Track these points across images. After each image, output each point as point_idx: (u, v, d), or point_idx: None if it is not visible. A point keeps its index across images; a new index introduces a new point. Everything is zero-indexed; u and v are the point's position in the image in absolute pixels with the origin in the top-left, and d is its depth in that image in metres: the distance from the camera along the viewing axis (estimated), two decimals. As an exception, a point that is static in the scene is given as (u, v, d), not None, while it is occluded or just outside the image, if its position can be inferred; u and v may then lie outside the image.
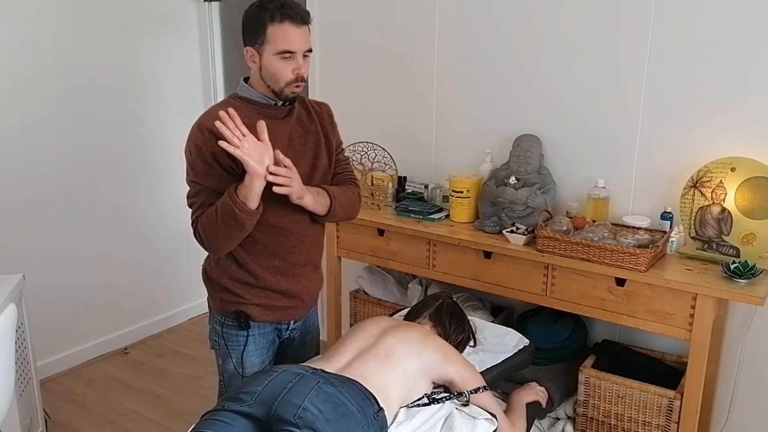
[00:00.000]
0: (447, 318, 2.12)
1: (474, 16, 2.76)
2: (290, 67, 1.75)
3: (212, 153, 1.72)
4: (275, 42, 1.72)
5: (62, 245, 3.26)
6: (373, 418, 1.63)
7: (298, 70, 1.75)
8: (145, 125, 3.55)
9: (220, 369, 2.01)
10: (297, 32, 1.72)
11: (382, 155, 2.92)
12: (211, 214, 1.72)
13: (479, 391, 1.89)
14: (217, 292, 1.92)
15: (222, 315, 1.93)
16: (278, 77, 1.76)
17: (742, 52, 2.24)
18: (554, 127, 2.63)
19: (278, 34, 1.72)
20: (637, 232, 2.33)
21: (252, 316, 1.90)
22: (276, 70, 1.75)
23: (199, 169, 1.75)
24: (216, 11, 3.73)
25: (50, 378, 3.24)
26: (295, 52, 1.73)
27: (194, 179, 1.77)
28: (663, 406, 2.24)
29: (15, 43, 2.96)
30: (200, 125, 1.76)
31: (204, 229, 1.75)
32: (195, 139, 1.75)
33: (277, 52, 1.73)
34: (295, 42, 1.72)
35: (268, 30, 1.72)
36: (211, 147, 1.72)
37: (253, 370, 1.95)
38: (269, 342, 1.97)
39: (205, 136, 1.73)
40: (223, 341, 1.95)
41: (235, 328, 1.92)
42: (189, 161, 1.78)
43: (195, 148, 1.75)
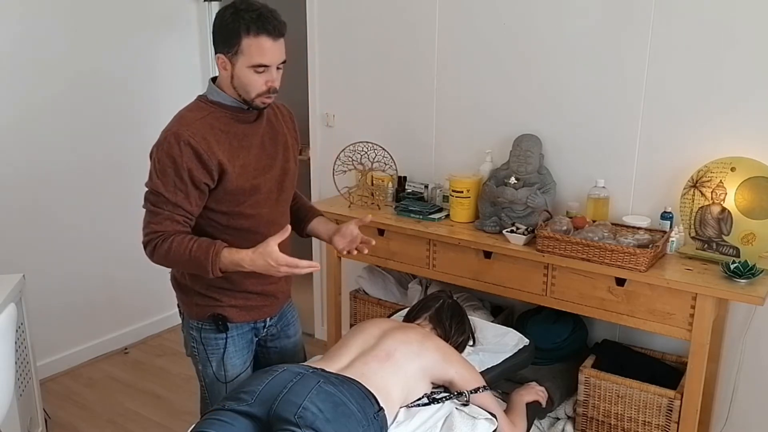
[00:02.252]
0: (447, 320, 2.12)
1: (474, 16, 2.76)
2: (263, 79, 1.69)
3: (188, 169, 1.67)
4: (250, 55, 1.66)
5: (62, 245, 3.26)
6: (373, 418, 1.64)
7: (272, 83, 1.70)
8: (145, 124, 3.54)
9: (201, 375, 1.97)
10: (273, 46, 1.66)
11: (382, 155, 2.92)
12: (183, 252, 1.67)
13: (479, 391, 1.89)
14: (192, 298, 1.89)
15: (198, 320, 1.90)
16: (250, 89, 1.70)
17: (742, 51, 2.24)
18: (554, 127, 2.63)
19: (254, 48, 1.65)
20: (637, 232, 2.33)
21: (229, 318, 1.87)
22: (249, 82, 1.69)
23: (168, 182, 1.68)
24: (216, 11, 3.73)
25: (50, 378, 3.24)
26: (269, 66, 1.68)
27: (158, 190, 1.69)
28: (663, 406, 2.24)
29: (15, 42, 2.96)
30: (176, 135, 1.68)
31: (166, 256, 1.69)
32: (170, 150, 1.67)
33: (251, 65, 1.67)
34: (271, 56, 1.67)
35: (243, 42, 1.65)
36: (187, 163, 1.66)
37: (235, 371, 1.92)
38: (248, 342, 1.95)
39: (181, 150, 1.66)
40: (202, 346, 1.91)
41: (213, 331, 1.88)
42: (157, 169, 1.69)
43: (169, 160, 1.67)
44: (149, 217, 1.72)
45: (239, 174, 1.74)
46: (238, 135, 1.76)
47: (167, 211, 1.69)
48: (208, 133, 1.70)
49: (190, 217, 1.73)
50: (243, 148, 1.76)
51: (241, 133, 1.76)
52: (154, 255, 1.72)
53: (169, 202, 1.69)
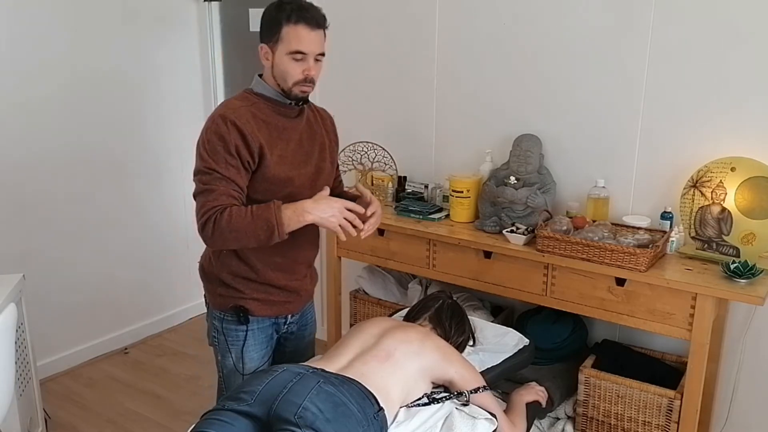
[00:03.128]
0: (447, 320, 2.12)
1: (474, 16, 2.76)
2: (301, 67, 1.77)
3: (236, 146, 1.74)
4: (288, 42, 1.75)
5: (62, 245, 3.26)
6: (373, 418, 1.63)
7: (308, 71, 1.78)
8: (145, 125, 3.55)
9: (220, 365, 2.03)
10: (311, 35, 1.76)
11: (382, 155, 2.92)
12: (245, 218, 1.70)
13: (479, 390, 1.89)
14: (216, 288, 1.94)
15: (221, 311, 1.95)
16: (287, 76, 1.79)
17: (742, 51, 2.24)
18: (554, 126, 2.64)
19: (292, 35, 1.75)
20: (637, 231, 2.33)
21: (251, 311, 1.91)
22: (286, 69, 1.78)
23: (219, 159, 1.73)
24: (216, 11, 3.73)
25: (50, 378, 3.24)
26: (306, 54, 1.76)
27: (211, 167, 1.73)
28: (663, 406, 2.24)
29: (14, 43, 2.96)
30: (223, 117, 1.75)
31: (228, 226, 1.70)
32: (218, 129, 1.74)
33: (289, 52, 1.76)
34: (308, 44, 1.76)
35: (283, 29, 1.75)
36: (234, 140, 1.73)
37: (252, 365, 1.96)
38: (268, 337, 1.99)
39: (228, 129, 1.74)
40: (223, 336, 1.96)
41: (235, 323, 1.93)
42: (207, 150, 1.75)
43: (218, 138, 1.73)
44: (204, 197, 1.73)
45: (276, 163, 1.80)
46: (278, 127, 1.83)
47: (222, 187, 1.73)
48: (251, 119, 1.78)
49: (242, 193, 1.77)
50: (282, 140, 1.83)
51: (281, 126, 1.83)
52: (214, 231, 1.71)
53: (223, 178, 1.73)
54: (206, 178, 1.74)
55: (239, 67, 3.78)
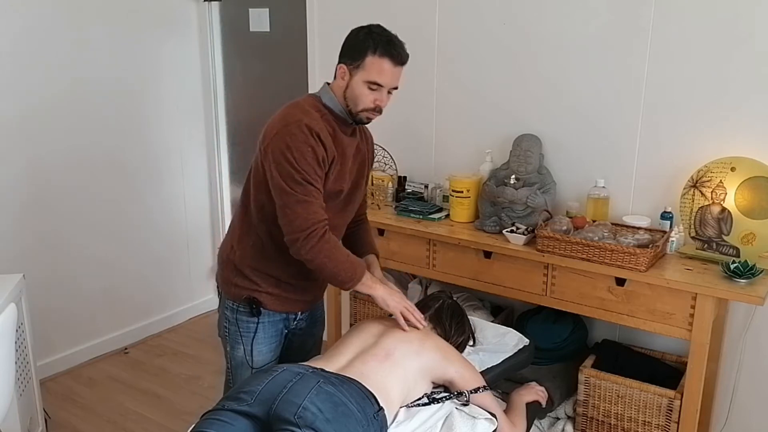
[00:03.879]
0: (447, 320, 2.12)
1: (474, 15, 2.76)
2: (374, 96, 1.84)
3: (323, 158, 1.79)
4: (369, 71, 1.81)
5: (62, 245, 3.26)
6: (373, 418, 1.63)
7: (380, 102, 1.86)
8: (145, 125, 3.55)
9: (229, 357, 2.05)
10: (392, 70, 1.82)
11: (382, 155, 2.92)
12: (342, 254, 1.83)
13: (479, 390, 1.89)
14: (233, 277, 1.97)
15: (234, 301, 1.98)
16: (359, 101, 1.85)
17: (742, 51, 2.24)
18: (554, 126, 2.63)
19: (375, 66, 1.81)
20: (637, 231, 2.33)
21: (263, 304, 1.95)
22: (360, 95, 1.84)
23: (311, 169, 1.76)
24: (216, 11, 3.73)
25: (50, 378, 3.24)
26: (383, 86, 1.83)
27: (307, 178, 1.76)
28: (663, 406, 2.24)
29: (14, 43, 2.96)
30: (309, 127, 1.77)
31: (331, 250, 1.80)
32: (307, 139, 1.76)
33: (367, 81, 1.82)
34: (388, 78, 1.83)
35: (367, 58, 1.80)
36: (321, 152, 1.78)
37: (261, 358, 2.00)
38: (278, 331, 2.02)
39: (315, 140, 1.77)
40: (236, 327, 1.99)
41: (247, 314, 1.96)
42: (296, 158, 1.75)
43: (308, 147, 1.76)
44: (305, 208, 1.76)
45: (335, 178, 1.87)
46: (342, 143, 1.89)
47: (318, 200, 1.79)
48: (326, 133, 1.82)
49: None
50: (340, 155, 1.88)
51: (344, 143, 1.89)
52: (317, 245, 1.77)
53: (316, 190, 1.78)
54: (301, 189, 1.75)
55: (239, 67, 3.78)
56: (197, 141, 3.85)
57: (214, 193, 3.95)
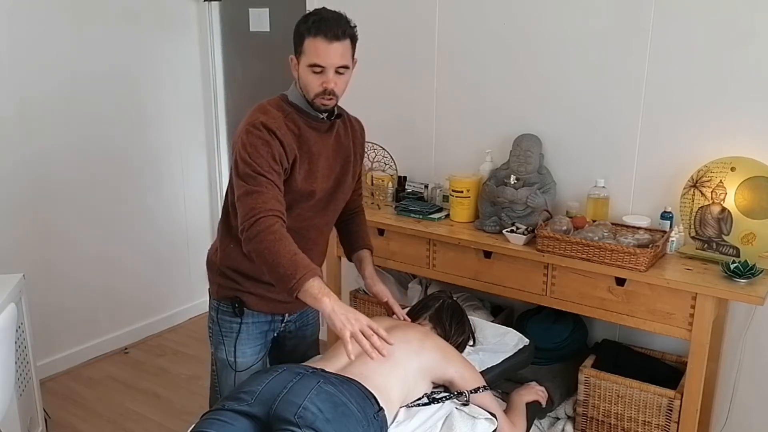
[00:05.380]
0: (447, 320, 2.12)
1: (474, 15, 2.76)
2: (320, 80, 1.78)
3: (279, 153, 1.76)
4: (308, 54, 1.78)
5: (62, 245, 3.26)
6: (373, 418, 1.63)
7: (326, 84, 1.79)
8: (145, 125, 3.55)
9: (213, 357, 2.03)
10: (328, 48, 1.76)
11: (382, 155, 2.92)
12: (286, 250, 1.66)
13: (479, 390, 1.89)
14: (216, 277, 1.96)
15: (218, 300, 1.97)
16: (308, 88, 1.81)
17: (742, 51, 2.24)
18: (554, 126, 2.63)
19: (311, 47, 1.77)
20: (637, 231, 2.33)
21: (246, 304, 1.92)
22: (307, 81, 1.80)
23: (264, 163, 1.74)
24: (216, 11, 3.73)
25: (50, 378, 3.24)
26: (324, 67, 1.77)
27: (258, 170, 1.73)
28: (663, 406, 2.24)
29: (14, 43, 2.96)
30: (265, 125, 1.76)
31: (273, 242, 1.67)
32: (261, 135, 1.75)
33: (308, 65, 1.78)
34: (325, 57, 1.76)
35: (305, 42, 1.77)
36: (277, 147, 1.76)
37: (245, 360, 1.96)
38: (262, 333, 1.99)
39: (271, 136, 1.76)
40: (218, 327, 1.97)
41: (230, 314, 1.94)
42: (250, 153, 1.74)
43: (262, 143, 1.75)
44: (254, 199, 1.71)
45: (303, 178, 1.83)
46: (309, 141, 1.84)
47: (270, 191, 1.73)
48: (287, 131, 1.80)
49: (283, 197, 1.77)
50: (310, 154, 1.84)
51: (311, 140, 1.85)
52: (259, 234, 1.67)
53: (269, 182, 1.73)
54: (252, 180, 1.73)
55: (239, 67, 3.78)
56: (197, 141, 3.85)
57: (214, 193, 3.95)
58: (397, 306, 2.11)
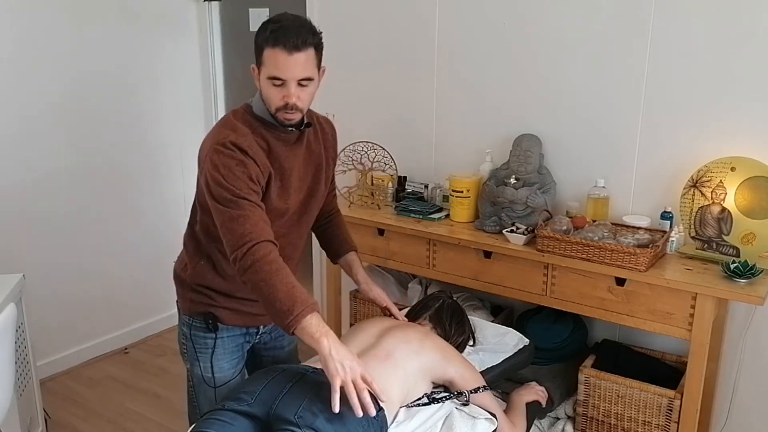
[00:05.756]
0: (447, 320, 2.12)
1: (474, 15, 2.76)
2: (280, 93, 1.66)
3: (256, 174, 1.68)
4: (268, 66, 1.65)
5: (62, 245, 3.26)
6: (373, 418, 1.63)
7: (288, 98, 1.66)
8: (144, 125, 3.55)
9: (189, 374, 1.96)
10: (288, 60, 1.62)
11: (382, 155, 2.92)
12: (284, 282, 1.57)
13: (479, 390, 1.89)
14: (187, 293, 1.88)
15: (189, 316, 1.89)
16: (270, 102, 1.70)
17: (742, 51, 2.24)
18: (554, 126, 2.63)
19: (270, 59, 1.64)
20: (637, 231, 2.33)
21: (220, 318, 1.85)
22: (268, 95, 1.69)
23: (243, 184, 1.64)
24: (216, 11, 3.73)
25: (50, 378, 3.24)
26: (285, 80, 1.64)
27: (238, 194, 1.63)
28: (663, 406, 2.24)
29: (14, 43, 2.96)
30: (235, 144, 1.66)
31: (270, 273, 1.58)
32: (234, 155, 1.65)
33: (268, 77, 1.66)
34: (285, 69, 1.63)
35: (264, 53, 1.65)
36: (252, 167, 1.67)
37: (223, 375, 1.90)
38: (238, 346, 1.92)
39: (244, 156, 1.67)
40: (191, 344, 1.89)
41: (203, 330, 1.87)
42: (224, 175, 1.64)
43: (236, 163, 1.65)
44: (241, 225, 1.61)
45: (277, 196, 1.75)
46: (279, 157, 1.75)
47: (256, 215, 1.63)
48: (258, 149, 1.70)
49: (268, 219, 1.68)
50: (282, 170, 1.76)
51: (282, 155, 1.76)
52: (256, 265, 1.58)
53: (252, 204, 1.64)
54: (234, 205, 1.63)
55: (239, 67, 3.78)
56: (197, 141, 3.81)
57: (214, 193, 3.95)
58: (395, 308, 2.09)
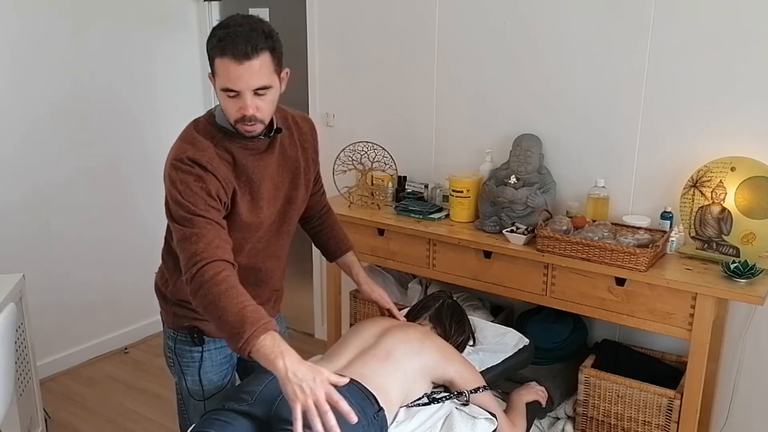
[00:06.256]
0: (447, 319, 2.12)
1: (474, 15, 2.76)
2: (236, 105, 1.54)
3: (216, 189, 1.59)
4: (220, 77, 1.52)
5: (62, 245, 3.26)
6: (373, 418, 1.63)
7: (245, 110, 1.53)
8: (144, 125, 3.54)
9: (177, 387, 1.90)
10: (238, 69, 1.48)
11: (382, 155, 2.92)
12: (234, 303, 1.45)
13: (479, 390, 1.89)
14: (170, 307, 1.82)
15: (174, 329, 1.82)
16: (227, 113, 1.58)
17: (742, 51, 2.24)
18: (554, 126, 2.64)
19: (222, 69, 1.51)
20: (637, 231, 2.33)
21: (206, 332, 1.79)
22: (224, 106, 1.57)
23: (200, 201, 1.56)
24: (216, 11, 3.73)
25: (50, 378, 3.24)
26: (239, 91, 1.52)
27: (194, 211, 1.56)
28: (663, 406, 2.24)
29: (14, 43, 2.96)
30: (193, 160, 1.58)
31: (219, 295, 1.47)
32: (192, 170, 1.58)
33: (221, 89, 1.54)
34: (236, 81, 1.50)
35: (215, 62, 1.52)
36: (211, 181, 1.58)
37: (211, 387, 1.84)
38: (226, 357, 1.85)
39: (203, 171, 1.57)
40: (176, 357, 1.82)
41: (189, 343, 1.80)
42: (181, 191, 1.57)
43: (194, 178, 1.57)
44: (194, 245, 1.52)
45: (247, 210, 1.67)
46: (247, 168, 1.65)
47: (211, 233, 1.54)
48: (219, 163, 1.62)
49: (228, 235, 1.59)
50: (251, 182, 1.67)
51: (250, 167, 1.65)
52: (205, 287, 1.49)
53: (209, 222, 1.55)
54: (188, 223, 1.55)
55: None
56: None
57: (214, 193, 3.95)
58: (396, 310, 2.07)
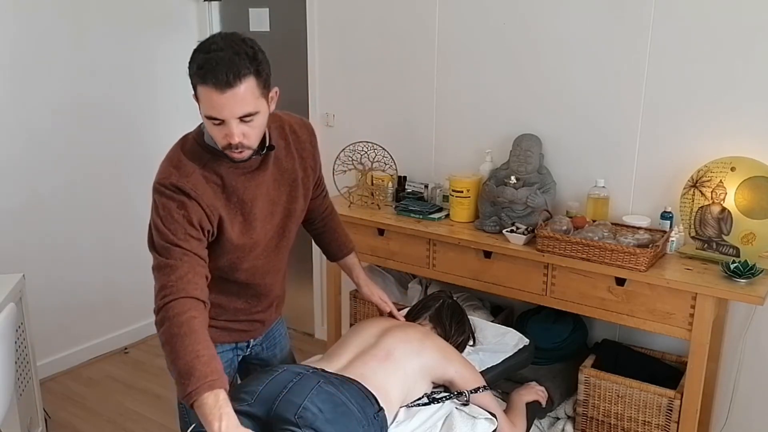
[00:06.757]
0: (447, 319, 2.12)
1: (474, 15, 2.76)
2: (222, 132, 1.47)
3: (198, 218, 1.54)
4: (203, 104, 1.46)
5: (62, 245, 3.26)
6: (373, 418, 1.63)
7: (230, 138, 1.47)
8: (144, 125, 3.54)
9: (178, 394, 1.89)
10: (221, 99, 1.41)
11: (382, 155, 2.92)
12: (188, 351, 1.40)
13: (479, 390, 1.89)
14: None
15: None
16: (214, 139, 1.53)
17: (742, 51, 2.24)
18: (554, 126, 2.64)
19: (204, 97, 1.44)
20: (637, 231, 2.33)
21: None
22: (211, 133, 1.51)
23: (179, 229, 1.51)
24: (216, 11, 3.73)
25: (50, 378, 3.24)
26: (223, 120, 1.45)
27: (171, 240, 1.50)
28: (663, 406, 2.24)
29: (14, 43, 2.96)
30: (176, 187, 1.53)
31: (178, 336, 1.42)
32: (173, 196, 1.52)
33: (205, 116, 1.47)
34: (220, 110, 1.42)
35: (197, 88, 1.44)
36: (193, 210, 1.52)
37: None
38: (228, 362, 1.83)
39: (185, 199, 1.53)
40: None
41: None
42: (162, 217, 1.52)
43: (177, 205, 1.51)
44: (166, 276, 1.48)
45: (239, 233, 1.63)
46: (238, 189, 1.60)
47: (185, 265, 1.48)
48: (206, 188, 1.56)
49: (206, 266, 1.55)
50: (243, 203, 1.62)
51: (241, 187, 1.60)
52: (166, 328, 1.43)
53: (186, 253, 1.50)
54: (165, 252, 1.49)
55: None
56: (197, 141, 3.84)
57: (214, 193, 3.95)
58: (396, 311, 2.08)
